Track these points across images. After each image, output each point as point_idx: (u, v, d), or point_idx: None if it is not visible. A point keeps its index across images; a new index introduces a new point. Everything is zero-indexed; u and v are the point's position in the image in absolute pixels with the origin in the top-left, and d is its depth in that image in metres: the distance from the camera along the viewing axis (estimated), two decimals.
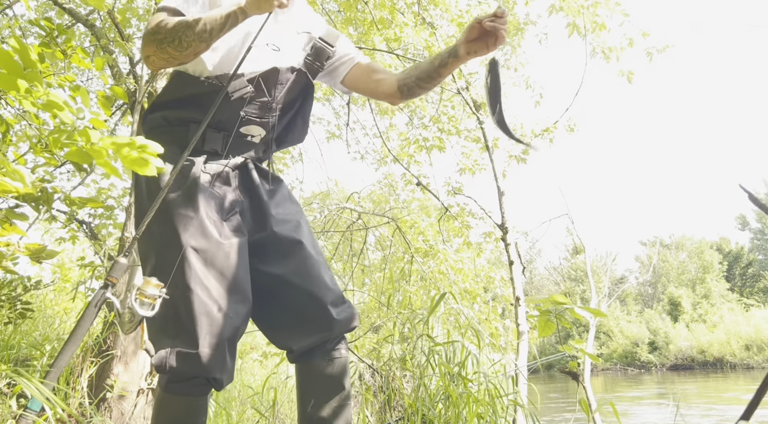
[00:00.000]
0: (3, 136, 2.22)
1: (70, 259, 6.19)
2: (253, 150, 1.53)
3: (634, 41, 4.90)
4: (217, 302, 1.30)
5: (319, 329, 1.44)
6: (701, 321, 25.17)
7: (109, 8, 3.96)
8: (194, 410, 1.34)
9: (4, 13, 4.41)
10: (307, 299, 1.43)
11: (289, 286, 1.44)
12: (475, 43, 1.41)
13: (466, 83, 5.17)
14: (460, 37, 1.43)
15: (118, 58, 4.14)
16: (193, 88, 1.44)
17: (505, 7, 5.72)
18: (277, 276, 1.44)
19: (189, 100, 1.45)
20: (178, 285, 1.28)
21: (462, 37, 1.42)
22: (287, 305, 1.45)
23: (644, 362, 24.60)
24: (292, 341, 1.48)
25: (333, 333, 1.46)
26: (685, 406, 7.71)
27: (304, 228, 1.51)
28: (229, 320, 1.32)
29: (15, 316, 2.88)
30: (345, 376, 1.49)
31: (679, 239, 35.10)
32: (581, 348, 2.35)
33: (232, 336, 1.33)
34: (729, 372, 19.99)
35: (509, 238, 4.40)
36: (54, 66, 2.14)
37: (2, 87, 1.45)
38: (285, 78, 1.50)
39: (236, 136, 1.47)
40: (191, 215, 1.34)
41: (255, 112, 1.48)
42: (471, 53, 1.41)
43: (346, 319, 1.47)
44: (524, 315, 3.91)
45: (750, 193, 1.06)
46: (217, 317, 1.30)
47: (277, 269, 1.45)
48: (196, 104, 1.43)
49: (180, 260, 1.29)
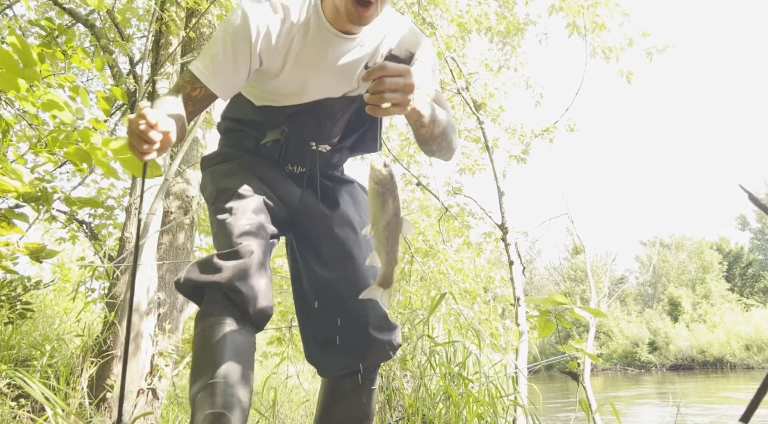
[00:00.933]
0: (3, 136, 2.22)
1: (70, 259, 6.19)
2: (323, 158, 1.53)
3: (634, 41, 4.90)
4: (246, 223, 1.31)
5: (353, 350, 1.37)
6: (701, 321, 25.17)
7: (109, 8, 3.96)
8: (217, 338, 1.17)
9: (4, 13, 4.41)
10: (348, 313, 1.37)
11: (333, 292, 1.40)
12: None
13: (466, 83, 5.17)
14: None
15: (118, 58, 4.14)
16: (248, 115, 1.50)
17: (505, 6, 5.73)
18: (324, 279, 1.41)
19: (246, 122, 1.52)
20: (218, 209, 1.35)
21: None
22: (327, 312, 1.40)
23: (644, 362, 24.60)
24: (324, 357, 1.43)
25: (366, 359, 1.38)
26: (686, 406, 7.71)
27: (361, 240, 1.46)
28: (253, 238, 1.29)
29: (15, 316, 2.88)
30: (372, 403, 1.44)
31: (679, 238, 35.10)
32: (581, 348, 2.35)
33: (255, 253, 1.26)
34: (729, 372, 19.98)
35: (509, 238, 4.40)
36: (54, 66, 2.14)
37: (2, 86, 1.45)
38: (339, 108, 1.44)
39: (302, 145, 1.49)
40: (248, 176, 1.41)
41: (314, 136, 1.48)
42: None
43: (382, 345, 1.37)
44: (524, 315, 3.91)
45: (750, 193, 1.06)
46: (240, 228, 1.29)
47: (325, 272, 1.42)
48: (252, 125, 1.50)
49: (227, 193, 1.36)
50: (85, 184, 5.28)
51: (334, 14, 1.28)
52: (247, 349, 1.20)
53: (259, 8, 1.27)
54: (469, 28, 5.00)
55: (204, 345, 1.18)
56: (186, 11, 3.84)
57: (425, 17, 4.92)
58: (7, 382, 2.38)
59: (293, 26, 1.30)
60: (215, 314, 1.20)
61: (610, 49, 4.90)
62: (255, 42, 1.27)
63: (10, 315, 2.85)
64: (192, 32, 3.70)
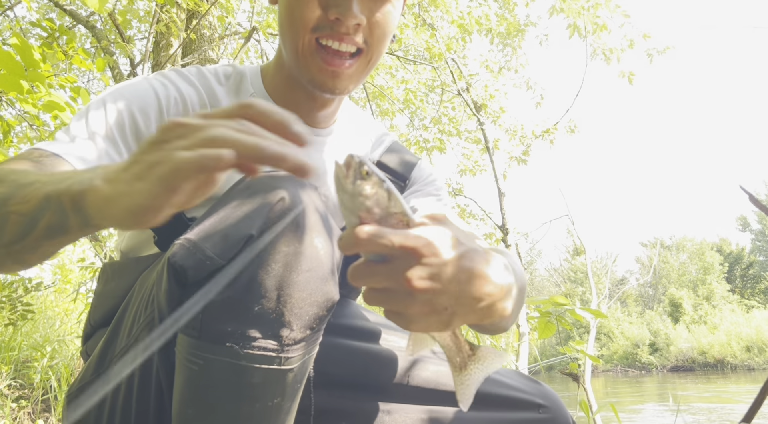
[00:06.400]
0: (4, 137, 2.22)
1: (70, 260, 6.19)
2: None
3: (635, 43, 4.91)
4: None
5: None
6: (702, 322, 25.16)
7: (110, 11, 3.97)
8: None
9: (5, 14, 4.42)
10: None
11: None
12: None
13: (467, 84, 5.17)
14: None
15: (119, 60, 4.14)
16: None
17: (506, 7, 5.73)
18: None
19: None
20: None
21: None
22: None
23: (645, 364, 24.58)
24: None
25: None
26: (686, 406, 7.71)
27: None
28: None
29: (16, 317, 2.88)
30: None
31: (679, 240, 35.09)
32: (582, 349, 2.35)
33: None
34: (730, 374, 19.96)
35: (510, 239, 4.41)
36: (55, 67, 2.14)
37: (4, 88, 1.46)
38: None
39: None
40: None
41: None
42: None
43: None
44: (525, 317, 3.90)
45: (751, 194, 1.06)
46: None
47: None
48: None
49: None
50: None
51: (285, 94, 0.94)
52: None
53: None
54: (470, 30, 5.00)
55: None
56: (186, 13, 3.85)
57: (426, 18, 4.92)
58: (7, 383, 2.38)
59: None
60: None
61: (611, 51, 4.91)
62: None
63: (11, 317, 2.85)
64: (192, 34, 3.70)
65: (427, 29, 4.76)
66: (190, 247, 0.63)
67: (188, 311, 0.52)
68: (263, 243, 0.62)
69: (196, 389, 0.66)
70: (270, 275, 0.62)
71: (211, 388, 0.65)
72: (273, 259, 0.63)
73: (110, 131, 0.81)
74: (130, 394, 0.76)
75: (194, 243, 0.63)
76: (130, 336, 0.76)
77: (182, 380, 0.67)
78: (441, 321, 0.55)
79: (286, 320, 0.63)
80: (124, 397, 0.77)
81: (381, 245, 0.51)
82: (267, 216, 0.63)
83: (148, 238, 0.90)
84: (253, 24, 4.00)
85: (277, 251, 0.63)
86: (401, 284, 0.52)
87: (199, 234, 0.64)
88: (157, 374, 0.73)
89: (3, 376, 2.38)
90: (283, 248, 0.63)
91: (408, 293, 0.53)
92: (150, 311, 0.72)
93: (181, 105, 0.88)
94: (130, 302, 0.81)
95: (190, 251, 0.63)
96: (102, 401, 0.79)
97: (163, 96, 0.86)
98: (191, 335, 0.65)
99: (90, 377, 0.82)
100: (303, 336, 0.66)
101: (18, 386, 2.52)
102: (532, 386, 0.92)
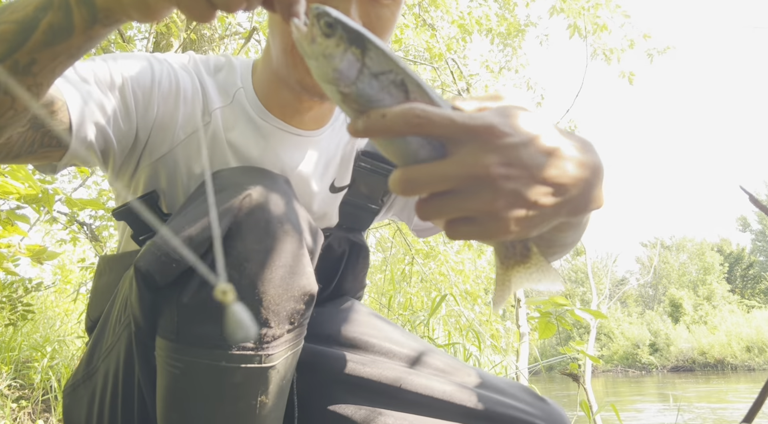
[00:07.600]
0: None
1: (71, 260, 6.19)
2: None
3: (635, 43, 4.91)
4: None
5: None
6: (702, 323, 25.17)
7: None
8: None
9: None
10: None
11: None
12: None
13: (467, 85, 5.17)
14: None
15: None
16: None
17: (506, 7, 5.73)
18: None
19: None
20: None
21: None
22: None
23: (645, 364, 24.59)
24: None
25: None
26: (686, 406, 7.70)
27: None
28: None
29: (16, 318, 2.88)
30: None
31: (679, 240, 35.09)
32: (582, 350, 2.35)
33: None
34: (730, 374, 19.96)
35: None
36: None
37: None
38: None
39: None
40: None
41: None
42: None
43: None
44: (525, 317, 3.91)
45: (751, 194, 1.06)
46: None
47: None
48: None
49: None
50: (86, 186, 5.28)
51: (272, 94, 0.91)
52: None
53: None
54: (470, 30, 5.01)
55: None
56: None
57: (426, 19, 4.92)
58: (8, 383, 2.39)
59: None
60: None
61: (611, 51, 4.91)
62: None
63: (11, 317, 2.85)
64: (193, 34, 3.70)
65: (427, 29, 4.76)
66: (155, 251, 0.64)
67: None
68: (231, 242, 0.63)
69: (179, 392, 0.66)
70: (243, 274, 0.63)
71: (194, 390, 0.66)
72: (244, 257, 0.63)
73: (105, 72, 0.78)
74: (115, 400, 0.77)
75: (159, 246, 0.64)
76: (114, 335, 0.78)
77: (164, 384, 0.67)
78: (529, 220, 0.45)
79: (263, 317, 0.64)
80: (111, 400, 0.77)
81: (415, 126, 0.42)
82: (234, 214, 0.63)
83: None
84: (254, 24, 4.00)
85: (249, 250, 0.63)
86: (477, 174, 0.42)
87: (165, 236, 0.65)
88: (139, 382, 0.73)
89: (3, 376, 2.38)
90: (254, 245, 0.63)
91: (488, 184, 0.42)
92: (128, 313, 0.73)
93: (174, 84, 0.85)
94: (114, 300, 0.82)
95: (155, 255, 0.64)
96: (91, 401, 0.81)
97: (157, 69, 0.84)
98: (169, 338, 0.65)
99: (81, 374, 0.84)
100: (282, 332, 0.66)
101: (18, 387, 2.52)
102: (537, 404, 0.87)
